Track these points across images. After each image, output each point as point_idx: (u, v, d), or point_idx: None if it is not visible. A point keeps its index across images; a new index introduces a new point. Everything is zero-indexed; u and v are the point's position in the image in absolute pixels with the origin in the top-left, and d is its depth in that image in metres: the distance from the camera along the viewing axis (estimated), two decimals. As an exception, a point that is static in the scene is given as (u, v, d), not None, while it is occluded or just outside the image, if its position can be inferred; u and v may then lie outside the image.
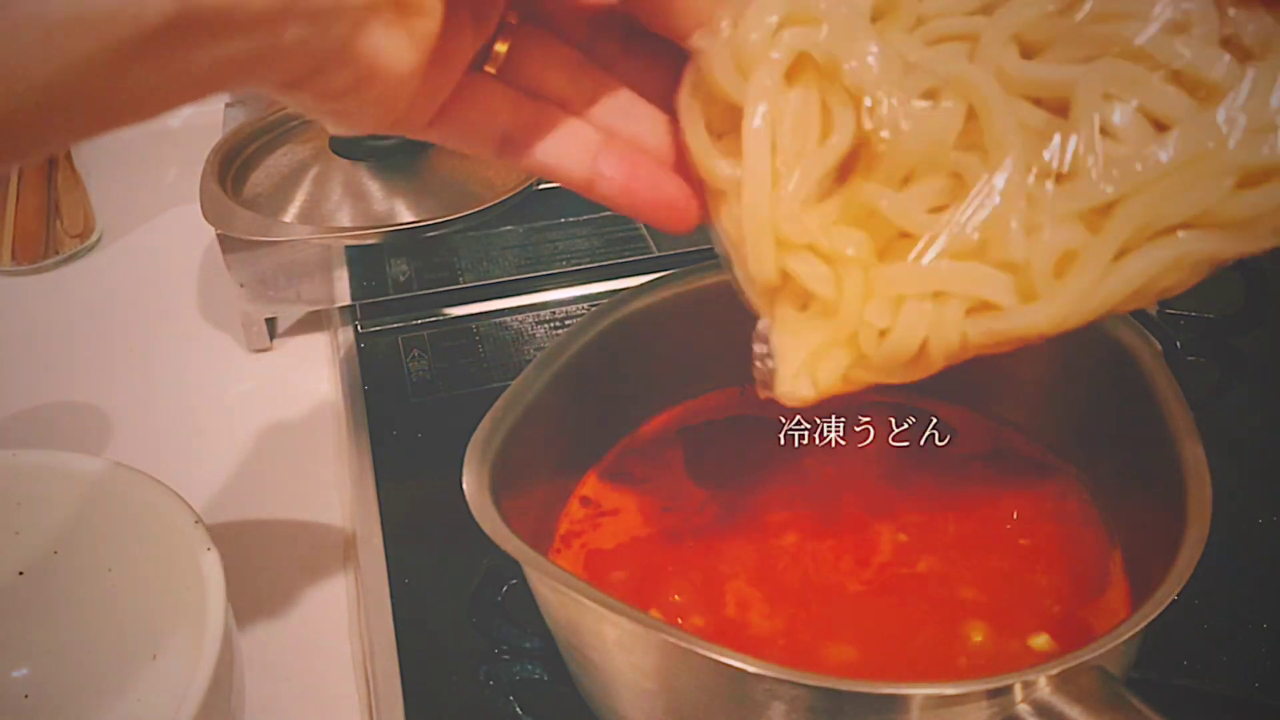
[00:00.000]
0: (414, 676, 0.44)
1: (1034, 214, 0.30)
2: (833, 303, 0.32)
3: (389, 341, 0.63)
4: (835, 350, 0.33)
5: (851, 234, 0.32)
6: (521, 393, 0.42)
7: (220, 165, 0.61)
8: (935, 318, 0.31)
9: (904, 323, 0.32)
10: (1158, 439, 0.39)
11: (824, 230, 0.32)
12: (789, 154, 0.31)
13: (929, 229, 0.31)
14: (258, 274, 0.60)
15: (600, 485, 0.47)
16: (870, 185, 0.32)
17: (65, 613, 0.44)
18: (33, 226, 0.69)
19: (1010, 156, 0.30)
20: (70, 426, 0.59)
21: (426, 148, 0.62)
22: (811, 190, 0.32)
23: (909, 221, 0.31)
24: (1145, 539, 0.41)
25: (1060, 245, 0.30)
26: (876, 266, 0.32)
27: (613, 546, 0.44)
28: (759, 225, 0.32)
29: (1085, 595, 0.41)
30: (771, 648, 0.39)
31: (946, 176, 0.31)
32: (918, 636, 0.40)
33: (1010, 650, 0.39)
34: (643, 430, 0.49)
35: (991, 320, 0.31)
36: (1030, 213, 0.30)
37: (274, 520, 0.54)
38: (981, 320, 0.31)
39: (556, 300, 0.65)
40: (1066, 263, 0.31)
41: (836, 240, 0.32)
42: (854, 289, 0.32)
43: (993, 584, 0.41)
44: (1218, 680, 0.42)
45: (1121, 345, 0.43)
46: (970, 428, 0.49)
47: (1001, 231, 0.30)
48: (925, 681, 0.34)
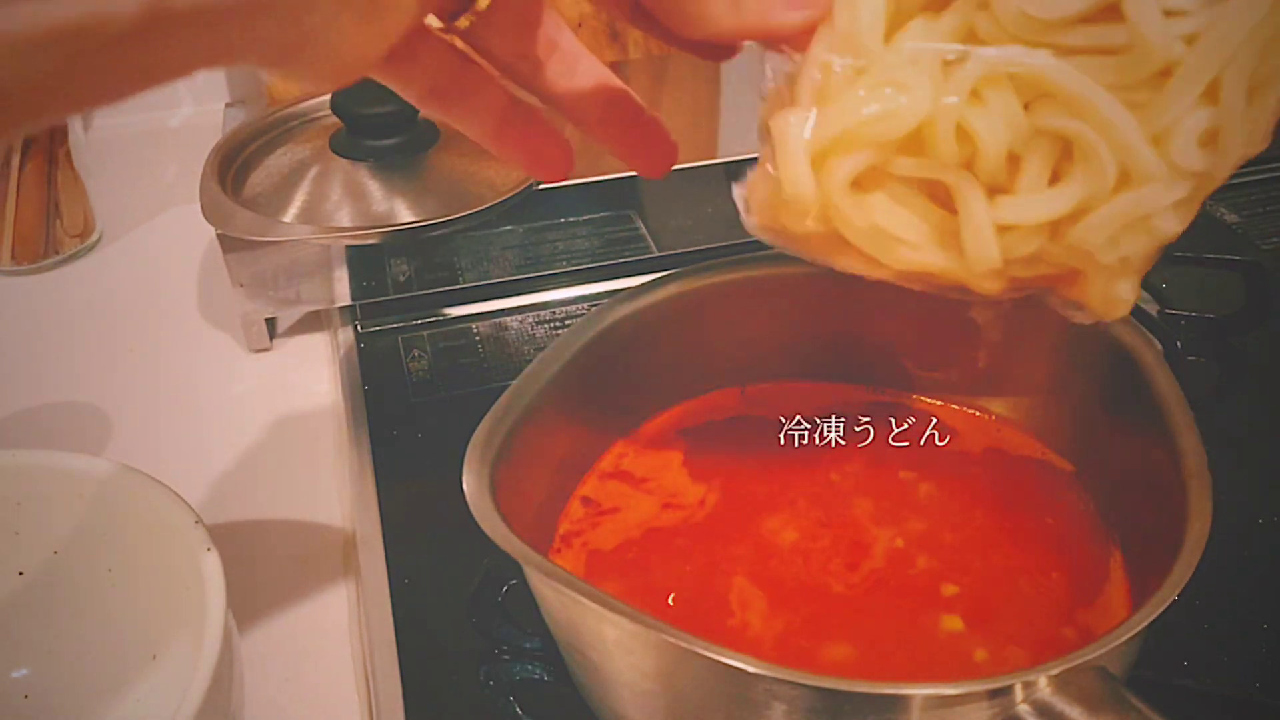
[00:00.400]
0: (414, 676, 0.44)
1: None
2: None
3: (389, 341, 0.62)
4: (871, 146, 0.33)
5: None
6: (521, 393, 0.42)
7: (220, 165, 0.61)
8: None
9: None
10: (1158, 439, 0.39)
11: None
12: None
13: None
14: (257, 274, 0.60)
15: (600, 485, 0.47)
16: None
17: (65, 613, 0.44)
18: (32, 226, 0.69)
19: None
20: (70, 426, 0.59)
21: (426, 148, 0.62)
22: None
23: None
24: (1145, 539, 0.41)
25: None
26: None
27: (613, 546, 0.44)
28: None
29: (1085, 595, 0.41)
30: (771, 647, 0.39)
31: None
32: (917, 636, 0.40)
33: (1010, 650, 0.39)
34: (643, 430, 0.49)
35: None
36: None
37: (274, 520, 0.54)
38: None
39: (556, 300, 0.65)
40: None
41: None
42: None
43: (992, 584, 0.41)
44: (1219, 680, 0.42)
45: (1122, 345, 0.43)
46: (970, 428, 0.49)
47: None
48: (925, 682, 0.34)
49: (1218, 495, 0.36)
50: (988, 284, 0.35)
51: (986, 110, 0.32)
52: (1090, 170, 0.32)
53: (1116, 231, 0.32)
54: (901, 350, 0.50)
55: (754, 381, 0.51)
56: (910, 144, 0.33)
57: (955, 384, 0.49)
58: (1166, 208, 0.32)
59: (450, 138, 0.63)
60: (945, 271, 0.35)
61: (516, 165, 0.41)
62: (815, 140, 0.33)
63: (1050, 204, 0.32)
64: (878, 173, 0.34)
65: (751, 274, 0.48)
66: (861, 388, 0.50)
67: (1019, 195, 0.33)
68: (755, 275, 0.48)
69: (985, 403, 0.49)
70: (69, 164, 0.70)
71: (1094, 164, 0.31)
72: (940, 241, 0.34)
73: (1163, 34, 0.30)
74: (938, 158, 0.33)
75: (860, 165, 0.33)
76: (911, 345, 0.49)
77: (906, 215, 0.34)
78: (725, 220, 0.66)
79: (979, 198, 0.33)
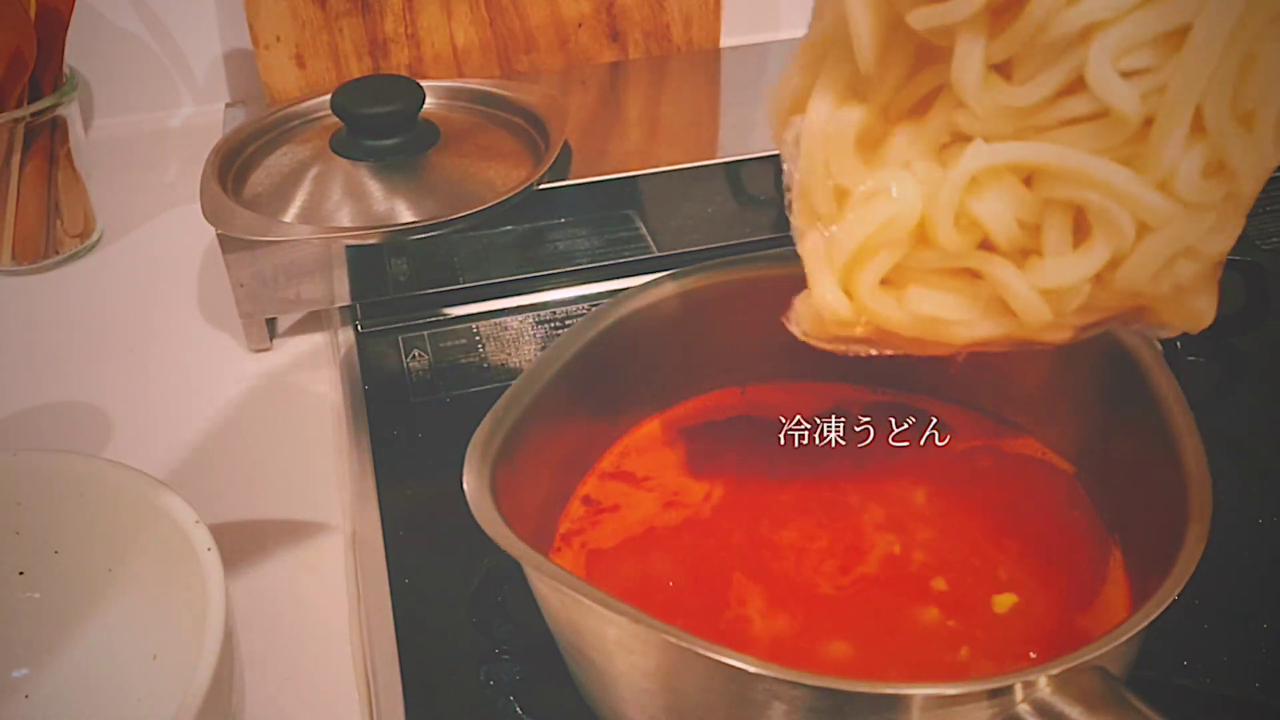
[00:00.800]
0: (414, 676, 0.44)
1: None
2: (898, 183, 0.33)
3: (389, 341, 0.62)
4: (886, 248, 0.34)
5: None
6: (522, 393, 0.42)
7: (220, 165, 0.61)
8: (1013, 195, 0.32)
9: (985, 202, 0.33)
10: (1158, 439, 0.39)
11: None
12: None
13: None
14: (258, 274, 0.60)
15: (601, 485, 0.47)
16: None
17: (65, 613, 0.44)
18: (33, 226, 0.69)
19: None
20: (70, 426, 0.59)
21: (426, 148, 0.62)
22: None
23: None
24: (1145, 539, 0.41)
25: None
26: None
27: (613, 546, 0.44)
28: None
29: (1085, 595, 0.41)
30: (771, 646, 0.39)
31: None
32: (917, 636, 0.40)
33: (1010, 650, 0.39)
34: (643, 430, 0.49)
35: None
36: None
37: (274, 520, 0.54)
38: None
39: (556, 300, 0.65)
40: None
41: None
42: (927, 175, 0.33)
43: (993, 584, 0.41)
44: (1218, 680, 0.42)
45: (1121, 345, 0.43)
46: (970, 427, 0.49)
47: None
48: (925, 681, 0.34)
49: (1217, 495, 0.36)
50: (1054, 335, 0.35)
51: (985, 196, 0.33)
52: (1108, 229, 0.32)
53: (1159, 269, 0.33)
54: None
55: (754, 381, 0.51)
56: (924, 239, 0.34)
57: (955, 384, 0.49)
58: (1201, 234, 0.32)
59: (450, 137, 0.63)
60: (1008, 335, 0.35)
61: None
62: (834, 262, 0.35)
63: (1080, 266, 0.33)
64: (905, 269, 0.35)
65: (751, 274, 0.48)
66: (861, 388, 0.51)
67: (1048, 259, 0.33)
68: (755, 275, 0.48)
69: (985, 403, 0.49)
70: (69, 164, 0.70)
71: (1110, 222, 0.32)
72: (990, 311, 0.35)
73: (1128, 99, 0.30)
74: (946, 249, 0.34)
75: (883, 269, 0.35)
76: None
77: (948, 298, 0.35)
78: (725, 220, 0.66)
79: (1009, 269, 0.34)
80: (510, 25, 0.76)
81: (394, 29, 0.74)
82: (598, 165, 0.64)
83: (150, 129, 0.84)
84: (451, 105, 0.67)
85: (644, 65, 0.78)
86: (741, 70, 0.77)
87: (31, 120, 0.66)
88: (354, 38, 0.73)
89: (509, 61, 0.77)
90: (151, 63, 0.82)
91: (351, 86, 0.62)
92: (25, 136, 0.67)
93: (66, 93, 0.68)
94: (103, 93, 0.82)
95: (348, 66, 0.74)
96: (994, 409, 0.49)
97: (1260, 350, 0.60)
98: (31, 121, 0.66)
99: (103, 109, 0.83)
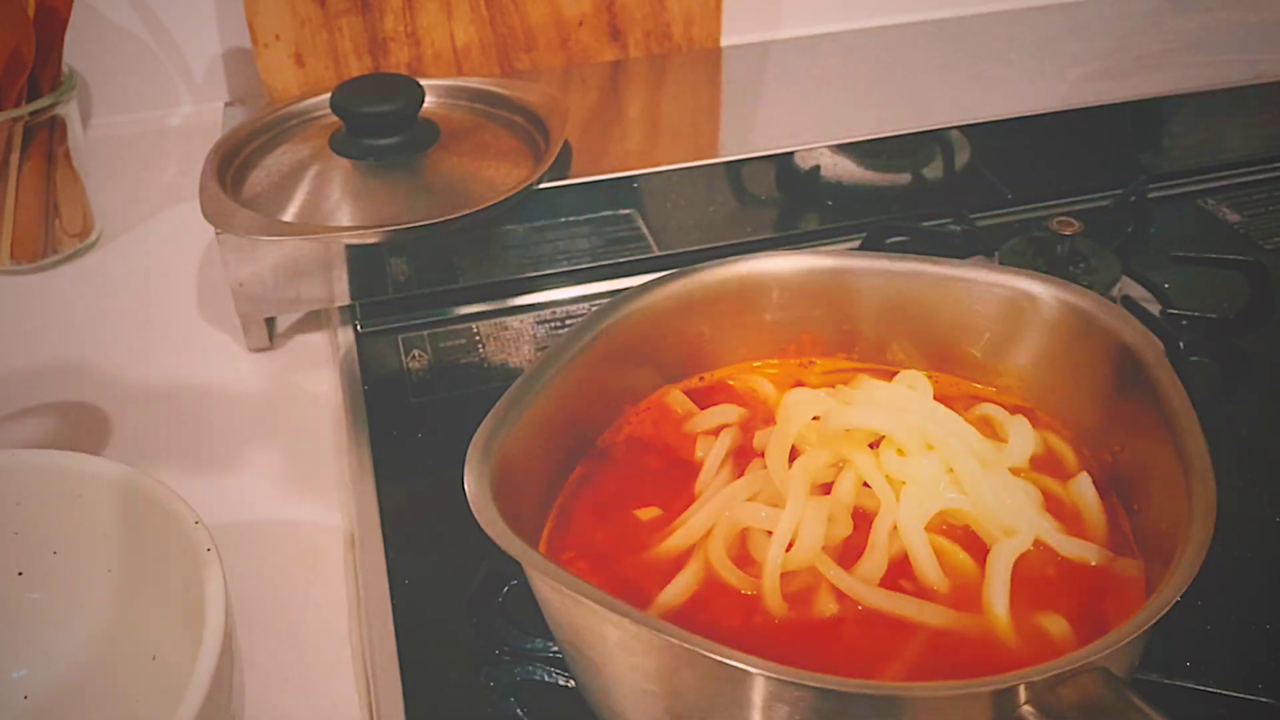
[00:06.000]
0: (414, 677, 0.44)
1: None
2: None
3: (389, 341, 0.62)
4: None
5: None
6: (522, 393, 0.42)
7: (220, 164, 0.61)
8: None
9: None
10: (1161, 439, 0.39)
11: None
12: None
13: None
14: (257, 274, 0.60)
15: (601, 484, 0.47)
16: None
17: (65, 613, 0.44)
18: (32, 226, 0.69)
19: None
20: (70, 426, 0.59)
21: (426, 147, 0.62)
22: None
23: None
24: (1147, 539, 0.41)
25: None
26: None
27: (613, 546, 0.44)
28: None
29: (1086, 596, 0.41)
30: (771, 645, 0.39)
31: None
32: (916, 635, 0.40)
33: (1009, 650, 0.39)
34: (643, 429, 0.49)
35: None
36: None
37: (274, 520, 0.54)
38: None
39: (556, 300, 0.65)
40: None
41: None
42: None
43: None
44: (1221, 681, 0.42)
45: (1125, 345, 0.43)
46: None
47: None
48: (928, 682, 0.34)
49: (1221, 496, 0.36)
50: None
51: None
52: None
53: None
54: (902, 350, 0.50)
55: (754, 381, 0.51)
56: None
57: (955, 383, 0.49)
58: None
59: (450, 137, 0.63)
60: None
61: None
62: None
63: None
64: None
65: (751, 274, 0.48)
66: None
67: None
68: (755, 275, 0.48)
69: (985, 402, 0.49)
70: (68, 163, 0.70)
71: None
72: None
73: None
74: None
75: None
76: (911, 345, 0.49)
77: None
78: (725, 220, 0.66)
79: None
80: (510, 24, 0.76)
81: (394, 27, 0.74)
82: (598, 164, 0.64)
83: (149, 128, 0.83)
84: (451, 104, 0.67)
85: (644, 64, 0.78)
86: (742, 69, 0.77)
87: (30, 119, 0.66)
88: (353, 36, 0.73)
89: (509, 60, 0.77)
90: (150, 62, 0.82)
91: (351, 85, 0.62)
92: (24, 136, 0.66)
93: (65, 92, 0.68)
94: (101, 92, 0.82)
95: (347, 65, 0.74)
96: (994, 408, 0.49)
97: (1264, 350, 0.60)
98: (30, 121, 0.66)
99: (101, 108, 0.83)
